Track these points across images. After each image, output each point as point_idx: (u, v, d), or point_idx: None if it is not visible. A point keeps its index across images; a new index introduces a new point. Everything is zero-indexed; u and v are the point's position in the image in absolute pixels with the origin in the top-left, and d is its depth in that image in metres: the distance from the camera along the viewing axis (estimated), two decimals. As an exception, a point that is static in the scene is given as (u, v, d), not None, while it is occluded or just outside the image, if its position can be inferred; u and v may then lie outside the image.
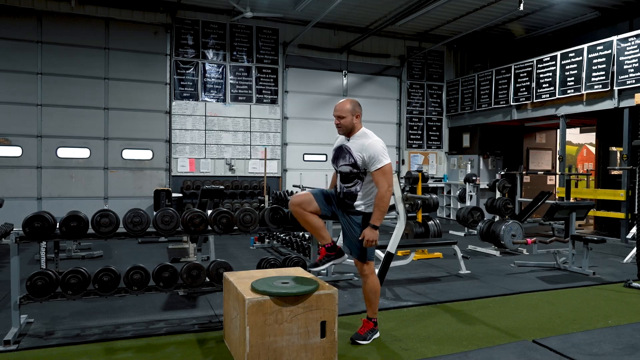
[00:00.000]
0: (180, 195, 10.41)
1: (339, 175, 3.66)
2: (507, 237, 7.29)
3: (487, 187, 9.14)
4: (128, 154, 10.48)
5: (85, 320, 4.15)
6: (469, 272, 6.20)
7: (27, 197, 9.84)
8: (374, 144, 3.47)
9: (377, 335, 3.75)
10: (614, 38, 8.83)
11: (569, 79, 9.66)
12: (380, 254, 5.53)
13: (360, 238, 3.50)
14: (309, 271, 3.61)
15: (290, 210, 3.60)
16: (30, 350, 3.50)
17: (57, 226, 3.81)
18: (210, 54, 11.04)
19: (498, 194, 8.10)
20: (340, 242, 3.80)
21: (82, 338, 3.73)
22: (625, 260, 6.97)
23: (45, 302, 3.84)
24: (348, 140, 3.59)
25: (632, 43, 8.54)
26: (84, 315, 4.28)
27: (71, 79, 10.03)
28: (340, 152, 3.61)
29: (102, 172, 10.29)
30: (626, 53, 8.61)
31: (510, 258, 7.23)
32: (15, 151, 9.79)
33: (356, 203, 3.57)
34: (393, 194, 5.11)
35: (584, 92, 9.34)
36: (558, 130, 10.91)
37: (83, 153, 10.18)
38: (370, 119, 12.48)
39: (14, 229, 3.72)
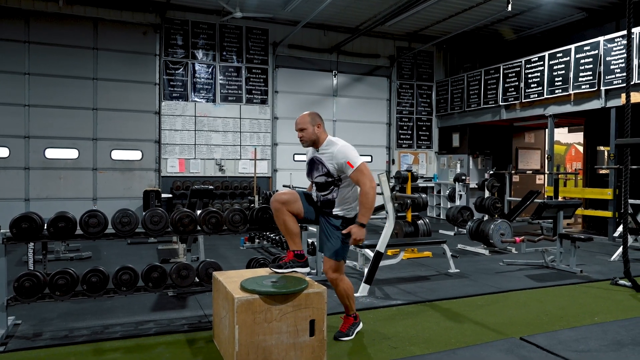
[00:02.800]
0: (170, 195, 10.37)
1: (314, 185, 3.70)
2: (496, 236, 7.35)
3: (477, 186, 9.20)
4: (117, 154, 10.42)
5: (74, 322, 4.12)
6: (458, 270, 6.23)
7: (14, 198, 9.75)
8: (343, 148, 3.49)
9: (361, 326, 3.75)
10: (601, 39, 8.94)
11: (556, 79, 9.76)
12: (369, 253, 5.55)
13: (345, 232, 3.49)
14: (271, 269, 3.59)
15: (272, 207, 3.57)
16: (18, 352, 3.48)
17: (45, 227, 3.79)
18: (199, 54, 11.01)
19: (487, 193, 8.15)
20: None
21: (71, 339, 3.72)
22: (612, 258, 7.06)
23: (33, 303, 3.82)
24: (317, 151, 3.62)
25: (619, 44, 8.65)
26: (72, 317, 4.25)
27: (59, 80, 9.96)
28: (313, 164, 3.66)
29: (91, 173, 10.22)
30: (613, 53, 8.72)
31: (499, 257, 7.28)
32: (2, 152, 9.70)
33: (334, 209, 3.61)
34: (382, 193, 5.16)
35: (571, 92, 9.44)
36: (546, 130, 11.01)
37: (71, 154, 10.11)
38: (360, 119, 12.54)
39: (1, 230, 3.69)
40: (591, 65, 9.07)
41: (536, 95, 10.22)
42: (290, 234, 3.58)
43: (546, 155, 10.23)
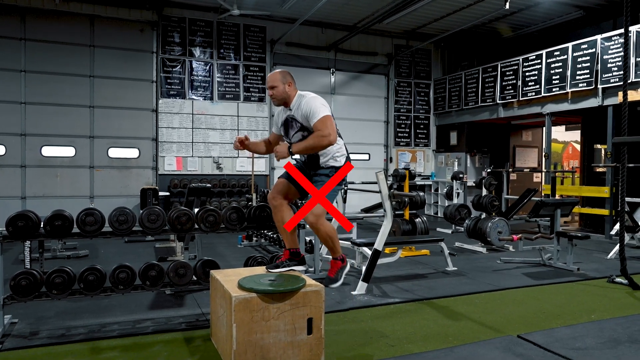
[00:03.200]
0: (168, 194, 10.36)
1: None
2: (494, 234, 7.36)
3: (474, 184, 9.21)
4: (114, 152, 10.40)
5: (71, 320, 4.12)
6: (455, 268, 6.25)
7: (11, 196, 9.72)
8: (310, 100, 3.48)
9: (348, 267, 3.66)
10: (598, 37, 8.95)
11: (554, 77, 9.77)
12: (367, 251, 5.56)
13: (277, 150, 3.46)
14: (268, 271, 3.57)
15: (270, 205, 3.60)
16: (14, 350, 3.47)
17: (42, 225, 3.78)
18: (197, 51, 10.99)
19: (485, 192, 8.17)
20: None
21: (67, 338, 3.71)
22: (609, 256, 7.08)
23: (29, 302, 3.81)
24: (290, 110, 3.59)
25: (616, 42, 8.66)
26: (69, 315, 4.25)
27: (56, 77, 9.93)
28: (288, 124, 3.62)
29: (87, 171, 10.20)
30: (610, 52, 8.74)
31: (497, 255, 7.30)
32: (-2, 150, 9.69)
33: (322, 161, 3.57)
34: (380, 192, 5.16)
35: (569, 90, 9.45)
36: (544, 128, 11.04)
37: (68, 152, 10.08)
38: (357, 117, 12.53)
39: (-3, 229, 3.69)
40: (588, 64, 9.09)
41: (534, 93, 10.24)
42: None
43: (543, 154, 10.26)
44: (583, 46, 9.22)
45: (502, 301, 4.82)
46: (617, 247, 6.43)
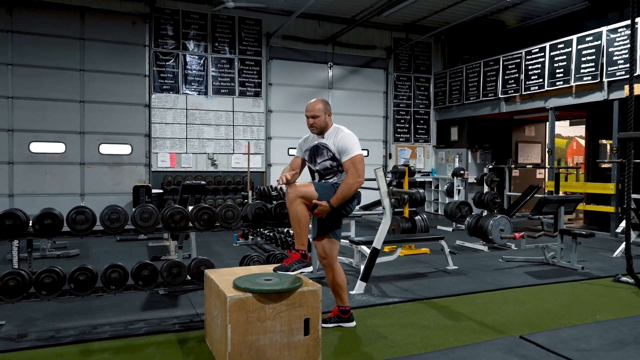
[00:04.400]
0: (161, 191, 10.34)
1: (317, 173, 3.84)
2: (495, 232, 7.37)
3: (475, 181, 9.21)
4: (105, 148, 10.36)
5: (61, 322, 4.10)
6: (456, 267, 6.26)
7: (-1, 194, 9.69)
8: (347, 136, 3.71)
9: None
10: (604, 29, 8.94)
11: (558, 71, 9.77)
12: (365, 250, 5.56)
13: (316, 201, 3.57)
14: (277, 272, 3.55)
15: (291, 201, 3.51)
16: (1, 353, 3.46)
17: (30, 224, 3.76)
18: (191, 45, 10.95)
19: (486, 188, 8.17)
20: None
21: (57, 340, 3.70)
22: (614, 255, 7.09)
23: (17, 303, 3.80)
24: (323, 137, 3.78)
25: (622, 34, 8.65)
26: (59, 317, 4.23)
27: (45, 71, 9.88)
28: (317, 150, 3.80)
29: (78, 168, 10.17)
30: (616, 44, 8.73)
31: (499, 253, 7.31)
32: (-14, 146, 9.64)
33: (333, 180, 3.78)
34: (379, 189, 5.15)
35: (573, 84, 9.45)
36: (547, 123, 11.04)
37: (58, 148, 10.05)
38: (356, 112, 12.51)
39: (-16, 227, 3.66)
40: (593, 57, 9.09)
41: (537, 87, 10.23)
42: (303, 232, 3.58)
43: (547, 149, 10.26)
44: (588, 38, 9.21)
45: (504, 301, 4.82)
46: (623, 245, 6.44)
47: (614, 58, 8.74)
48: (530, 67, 10.40)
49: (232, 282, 3.26)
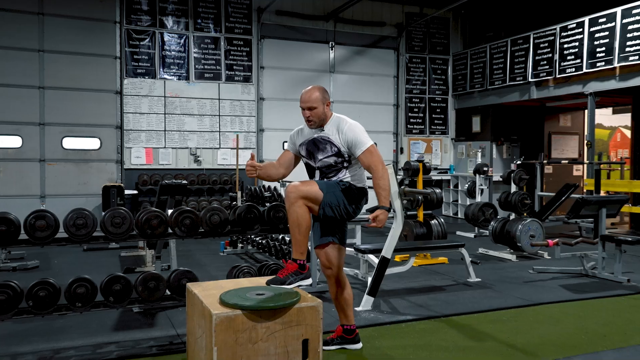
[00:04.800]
0: (135, 192, 10.34)
1: (318, 171, 3.83)
2: (525, 239, 7.37)
3: (501, 179, 9.21)
4: (70, 142, 10.36)
5: (17, 345, 4.10)
6: (479, 279, 6.26)
7: (-54, 196, 9.70)
8: (354, 127, 3.74)
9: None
10: (653, 0, 8.92)
11: (599, 50, 9.76)
12: (373, 259, 5.56)
13: (370, 217, 3.63)
14: (270, 285, 3.53)
15: (292, 202, 3.50)
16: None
17: (-18, 230, 3.76)
18: (169, 21, 10.95)
19: (514, 188, 8.17)
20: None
21: (15, 365, 3.70)
22: (663, 264, 7.10)
23: (-31, 322, 3.80)
24: (322, 130, 3.78)
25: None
26: (15, 339, 4.23)
27: (-4, 52, 9.87)
28: (317, 145, 3.79)
29: (37, 165, 10.17)
30: (665, 19, 8.72)
31: (529, 263, 7.31)
32: None
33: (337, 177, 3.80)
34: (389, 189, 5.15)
35: (616, 64, 9.44)
36: (586, 111, 11.03)
37: (13, 142, 10.04)
38: (362, 100, 12.52)
39: None
40: None
41: (573, 69, 10.23)
42: (303, 240, 3.59)
43: (585, 142, 10.26)
44: (635, 11, 9.17)
45: (535, 319, 4.82)
46: (673, 253, 6.43)
47: (663, 35, 8.72)
48: (566, 46, 10.39)
49: (218, 297, 3.26)
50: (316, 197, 3.58)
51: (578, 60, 10.13)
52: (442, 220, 7.79)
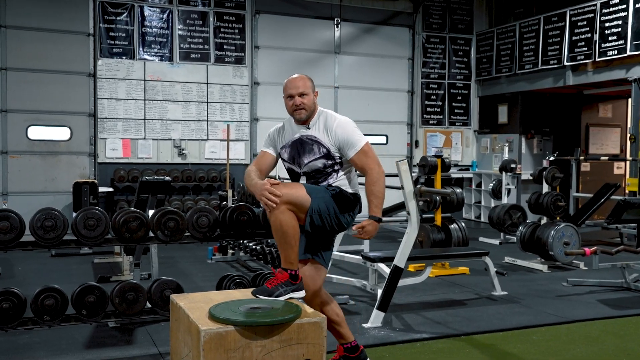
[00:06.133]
0: (111, 189, 10.36)
1: (304, 177, 3.78)
2: (558, 246, 7.37)
3: (531, 177, 9.20)
4: (36, 132, 10.38)
5: (-22, 363, 4.13)
6: (505, 293, 6.26)
7: None
8: (343, 123, 3.71)
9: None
10: None
11: (645, 30, 9.74)
12: (384, 269, 5.57)
13: (357, 227, 3.60)
14: (256, 296, 3.52)
15: (273, 209, 3.44)
16: None
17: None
18: (150, -7, 10.97)
19: (546, 188, 8.16)
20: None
21: (-26, 387, 3.72)
22: None
23: None
24: (307, 128, 3.76)
25: None
26: (-24, 356, 4.26)
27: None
28: (303, 146, 3.74)
29: (-1, 158, 10.20)
30: None
31: (562, 274, 7.30)
32: None
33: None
34: (402, 188, 5.17)
35: (665, 47, 9.43)
36: (630, 100, 11.01)
37: (-28, 131, 10.08)
38: (371, 85, 12.51)
39: None
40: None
41: (616, 51, 10.21)
42: (292, 248, 3.52)
43: (629, 135, 10.25)
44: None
45: (570, 338, 4.83)
46: None
47: None
48: (607, 25, 10.37)
49: (207, 311, 3.27)
50: (302, 203, 3.49)
51: (621, 42, 10.11)
52: (463, 224, 7.79)
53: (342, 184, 3.73)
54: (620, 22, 10.14)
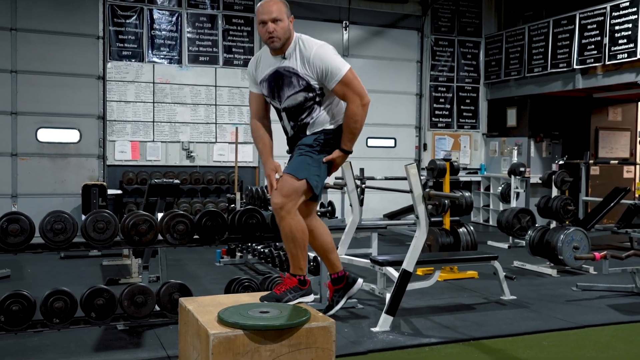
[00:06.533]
0: (119, 192, 10.38)
1: (284, 113, 3.64)
2: (568, 251, 7.34)
3: (540, 181, 9.18)
4: (45, 134, 10.42)
5: (-12, 365, 4.14)
6: (514, 297, 6.24)
7: None
8: (322, 49, 3.50)
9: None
10: None
11: (654, 33, 9.70)
12: (393, 273, 5.56)
13: (325, 160, 3.53)
14: (265, 302, 3.51)
15: (282, 216, 3.44)
16: None
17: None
18: (159, -4, 11.01)
19: (555, 192, 8.14)
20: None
21: (-16, 389, 3.74)
22: None
23: None
24: (283, 58, 3.54)
25: None
26: (-15, 358, 4.28)
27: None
28: (281, 78, 3.55)
29: (9, 160, 10.23)
30: None
31: (572, 279, 7.28)
32: None
33: (308, 128, 3.61)
34: (410, 191, 5.16)
35: (676, 50, 9.38)
36: None
37: (-18, 134, 10.13)
38: (380, 88, 12.47)
39: None
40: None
41: (625, 54, 10.16)
42: (298, 248, 3.50)
43: (638, 139, 10.21)
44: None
45: (579, 344, 4.81)
46: None
47: None
48: (617, 28, 10.33)
49: (216, 314, 3.27)
50: (299, 189, 3.42)
51: (631, 45, 10.06)
52: (472, 228, 7.77)
53: (323, 119, 3.59)
54: (630, 25, 10.10)
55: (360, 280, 3.84)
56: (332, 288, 3.82)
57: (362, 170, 9.86)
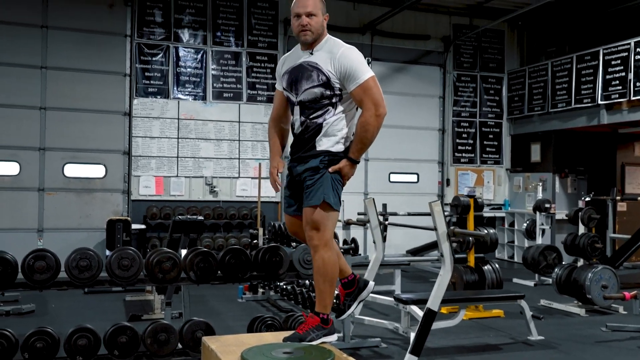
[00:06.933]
0: (143, 226, 10.43)
1: (298, 106, 3.63)
2: (596, 289, 7.22)
3: (566, 218, 9.06)
4: (72, 170, 10.55)
5: (11, 402, 4.13)
6: (541, 338, 6.14)
7: None
8: (349, 51, 3.49)
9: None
10: None
11: (679, 69, 9.65)
12: (417, 311, 5.49)
13: (333, 169, 3.48)
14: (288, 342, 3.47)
15: (315, 246, 3.47)
16: None
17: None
18: (185, 34, 11.18)
19: (582, 228, 8.04)
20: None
21: None
22: None
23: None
24: (311, 53, 3.55)
25: None
26: (8, 395, 4.27)
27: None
28: (302, 72, 3.55)
29: (36, 195, 10.35)
30: None
31: (601, 319, 7.15)
32: None
33: (318, 138, 3.56)
34: (435, 229, 5.11)
35: (702, 86, 9.31)
36: (665, 140, 10.85)
37: (10, 168, 10.25)
38: (402, 124, 12.52)
39: None
40: None
41: (650, 90, 10.11)
42: (327, 283, 3.46)
43: (665, 175, 10.06)
44: None
45: (610, 386, 4.70)
46: None
47: None
48: (641, 64, 10.29)
49: (239, 355, 3.24)
50: (322, 213, 3.42)
51: (657, 80, 10.02)
52: (497, 265, 7.68)
53: (333, 130, 3.54)
54: (655, 60, 10.06)
55: (371, 284, 3.82)
56: (344, 292, 3.78)
57: (384, 206, 9.82)
